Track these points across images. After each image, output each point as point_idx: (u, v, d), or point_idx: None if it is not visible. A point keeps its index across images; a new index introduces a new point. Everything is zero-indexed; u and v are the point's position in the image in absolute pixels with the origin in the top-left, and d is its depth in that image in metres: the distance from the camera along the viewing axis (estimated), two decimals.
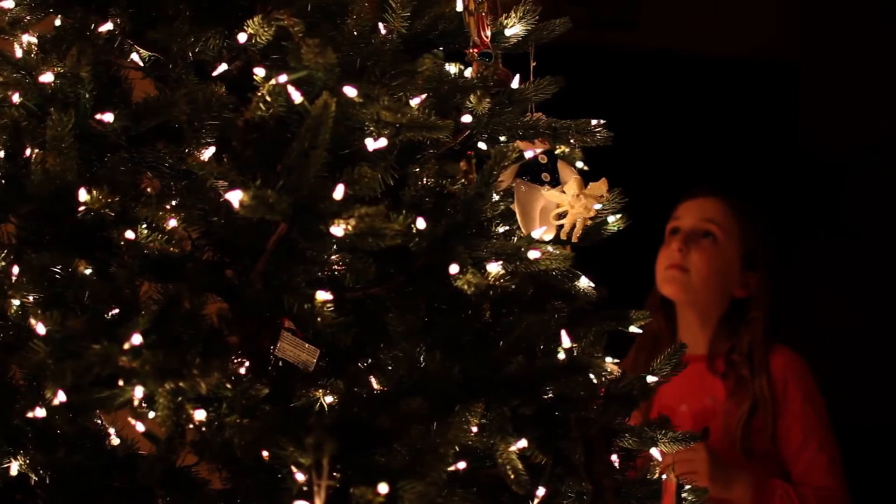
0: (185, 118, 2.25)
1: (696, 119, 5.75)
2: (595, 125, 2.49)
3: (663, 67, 5.68)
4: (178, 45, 2.31)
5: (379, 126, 2.18)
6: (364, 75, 2.33)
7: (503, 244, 2.36)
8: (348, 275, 2.26)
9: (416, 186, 2.35)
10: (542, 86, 2.52)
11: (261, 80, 2.20)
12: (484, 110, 2.34)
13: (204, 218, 2.27)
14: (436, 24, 2.53)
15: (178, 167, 2.28)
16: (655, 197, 5.55)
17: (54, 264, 2.20)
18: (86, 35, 2.33)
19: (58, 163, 2.18)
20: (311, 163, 2.09)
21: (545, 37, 2.63)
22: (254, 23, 2.24)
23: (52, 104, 2.21)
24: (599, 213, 2.61)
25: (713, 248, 3.57)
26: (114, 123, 2.24)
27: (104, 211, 2.18)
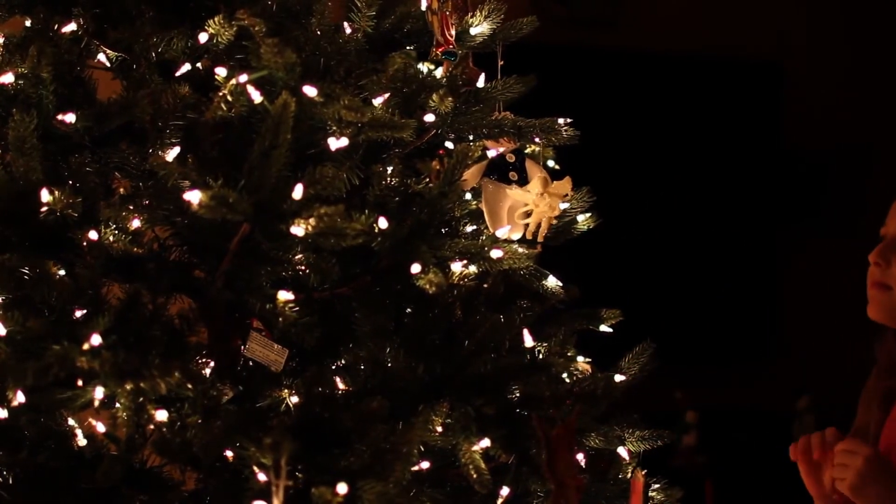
0: (148, 118, 2.25)
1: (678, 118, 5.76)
2: (561, 124, 2.48)
3: (644, 67, 5.68)
4: (141, 46, 2.31)
5: (340, 125, 2.18)
6: (328, 75, 2.33)
7: (466, 244, 2.36)
8: (313, 275, 2.26)
9: (381, 186, 2.34)
10: (510, 84, 2.51)
11: (222, 80, 2.20)
12: (447, 109, 2.33)
13: (168, 218, 2.26)
14: (402, 24, 2.53)
15: (143, 167, 2.27)
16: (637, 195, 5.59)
17: (21, 265, 2.19)
18: (48, 36, 2.33)
19: (21, 163, 2.17)
20: (272, 162, 2.09)
21: (513, 35, 2.63)
22: (215, 22, 2.24)
23: (14, 105, 2.20)
24: (567, 211, 2.61)
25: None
26: (76, 124, 2.24)
27: (67, 212, 2.17)
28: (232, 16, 2.25)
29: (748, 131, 5.92)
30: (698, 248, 5.83)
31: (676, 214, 5.77)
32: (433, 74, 2.47)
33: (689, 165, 5.78)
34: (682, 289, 5.79)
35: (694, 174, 5.79)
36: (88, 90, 2.35)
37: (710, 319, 5.84)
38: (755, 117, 5.95)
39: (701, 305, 5.82)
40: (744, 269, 5.99)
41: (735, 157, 5.91)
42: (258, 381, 2.31)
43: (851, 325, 6.05)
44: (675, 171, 5.74)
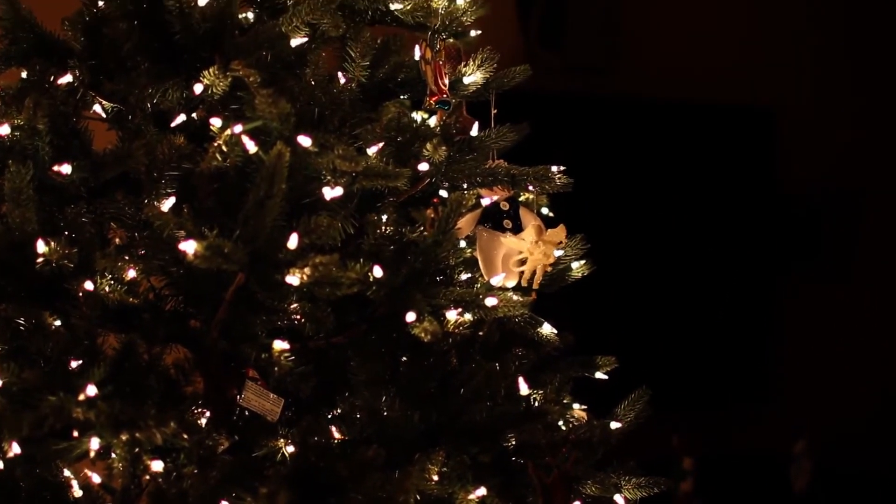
0: (143, 169, 2.26)
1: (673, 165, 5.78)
2: (555, 172, 2.49)
3: (638, 114, 5.71)
4: (137, 97, 2.32)
5: (335, 175, 2.19)
6: (322, 124, 2.34)
7: (461, 292, 2.36)
8: (309, 324, 2.26)
9: (376, 234, 2.35)
10: (503, 133, 2.52)
11: (217, 131, 2.21)
12: (441, 158, 2.34)
13: (164, 268, 2.27)
14: (396, 73, 2.55)
15: (138, 218, 2.28)
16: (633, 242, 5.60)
17: (17, 316, 2.20)
18: (44, 87, 2.34)
19: (17, 214, 2.18)
20: (267, 212, 2.10)
21: (506, 84, 2.65)
22: (210, 73, 2.25)
23: (10, 156, 2.21)
24: (561, 258, 2.62)
25: None
26: (72, 175, 2.25)
27: (63, 262, 2.18)
28: (227, 67, 2.26)
29: (743, 177, 5.94)
30: (694, 293, 5.84)
31: (672, 260, 5.78)
32: (427, 123, 2.48)
33: (685, 211, 5.79)
34: (678, 333, 5.79)
35: (689, 220, 5.81)
36: (84, 141, 2.36)
37: (707, 364, 5.84)
38: (749, 163, 5.98)
39: (697, 350, 5.82)
40: (740, 313, 6.00)
41: (730, 202, 5.92)
42: (254, 430, 2.31)
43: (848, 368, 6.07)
44: (671, 217, 5.75)
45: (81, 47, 2.41)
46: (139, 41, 2.38)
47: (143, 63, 2.36)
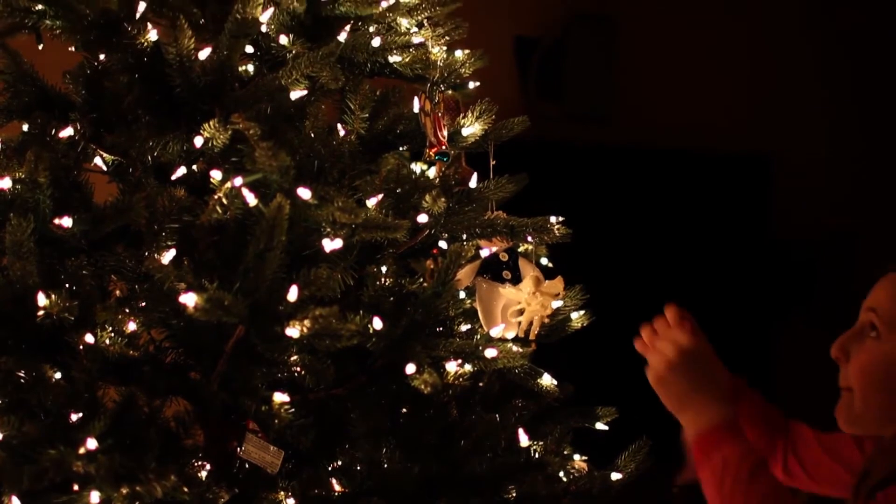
0: (144, 221, 2.26)
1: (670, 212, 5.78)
2: (553, 223, 2.50)
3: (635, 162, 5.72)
4: (137, 149, 2.34)
5: (335, 227, 2.20)
6: (322, 176, 2.35)
7: (461, 343, 2.37)
8: (308, 376, 2.26)
9: (375, 286, 2.35)
10: (502, 184, 2.53)
11: (217, 183, 2.22)
12: (440, 209, 2.34)
13: (164, 321, 2.27)
14: (395, 125, 2.56)
15: (139, 270, 2.29)
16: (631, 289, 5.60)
17: (17, 369, 2.20)
18: (45, 140, 2.35)
19: (18, 267, 2.18)
20: (266, 264, 2.10)
21: (504, 135, 2.66)
22: (210, 126, 2.26)
23: (11, 209, 2.22)
24: (560, 309, 2.63)
25: (873, 348, 2.21)
26: (73, 227, 2.25)
27: (63, 315, 2.18)
28: (227, 119, 2.27)
29: (738, 223, 5.95)
30: None
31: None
32: (426, 175, 2.49)
33: (682, 257, 5.79)
34: None
35: (687, 266, 5.80)
36: (85, 194, 2.37)
37: None
38: (745, 209, 5.98)
39: None
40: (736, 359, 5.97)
41: (726, 247, 5.93)
42: (254, 483, 2.30)
43: None
44: (669, 264, 5.75)
45: (82, 100, 2.43)
46: (140, 94, 2.40)
47: (143, 116, 2.38)
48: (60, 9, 2.42)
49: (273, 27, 2.45)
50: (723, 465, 2.16)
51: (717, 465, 2.17)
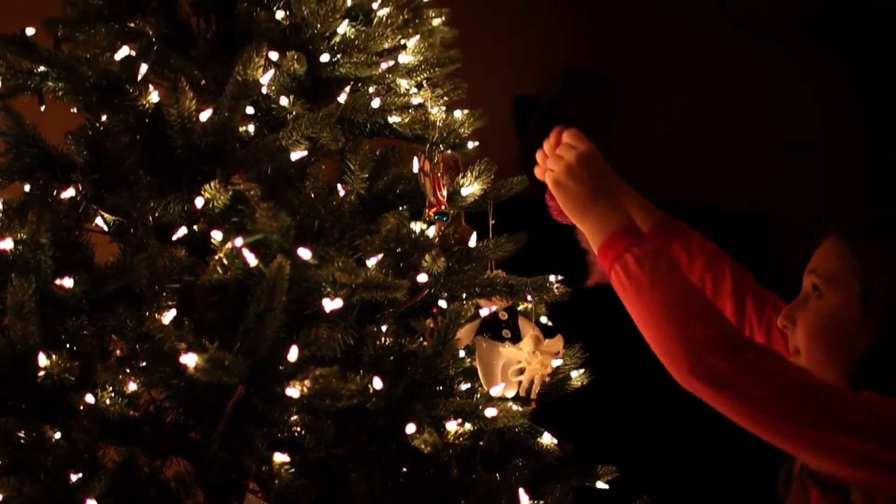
0: (145, 282, 2.27)
1: None
2: (552, 281, 2.51)
3: None
4: (138, 210, 2.35)
5: (335, 287, 2.20)
6: (322, 236, 2.36)
7: (461, 402, 2.37)
8: (309, 436, 2.26)
9: (375, 346, 2.36)
10: (501, 244, 2.54)
11: (218, 244, 2.22)
12: (440, 269, 2.35)
13: (164, 381, 2.27)
14: (394, 185, 2.57)
15: (139, 330, 2.29)
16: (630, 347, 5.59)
17: (17, 430, 2.20)
18: (47, 201, 2.36)
19: (19, 328, 2.19)
20: (267, 325, 2.11)
21: (503, 195, 2.67)
22: (211, 187, 2.27)
23: (12, 270, 2.23)
24: (560, 368, 2.63)
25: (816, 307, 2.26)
26: (74, 288, 2.25)
27: (64, 375, 2.18)
28: (227, 180, 2.29)
29: None
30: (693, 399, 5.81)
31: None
32: (426, 234, 2.50)
33: None
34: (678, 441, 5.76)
35: None
36: (86, 254, 2.38)
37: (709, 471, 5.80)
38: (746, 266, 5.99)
39: (699, 457, 5.79)
40: None
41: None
42: None
43: None
44: None
45: (84, 161, 2.45)
46: (141, 155, 2.42)
47: (144, 177, 2.39)
48: (63, 71, 2.44)
49: (273, 88, 2.47)
50: (636, 262, 2.19)
51: (629, 263, 2.19)
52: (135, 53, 2.50)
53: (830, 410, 1.98)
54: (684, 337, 2.08)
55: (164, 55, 2.51)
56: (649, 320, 2.15)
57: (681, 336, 2.08)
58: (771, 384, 2.01)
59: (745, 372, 2.02)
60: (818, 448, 1.98)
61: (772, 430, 2.01)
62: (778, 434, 2.01)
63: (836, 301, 2.19)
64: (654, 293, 2.14)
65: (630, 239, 2.23)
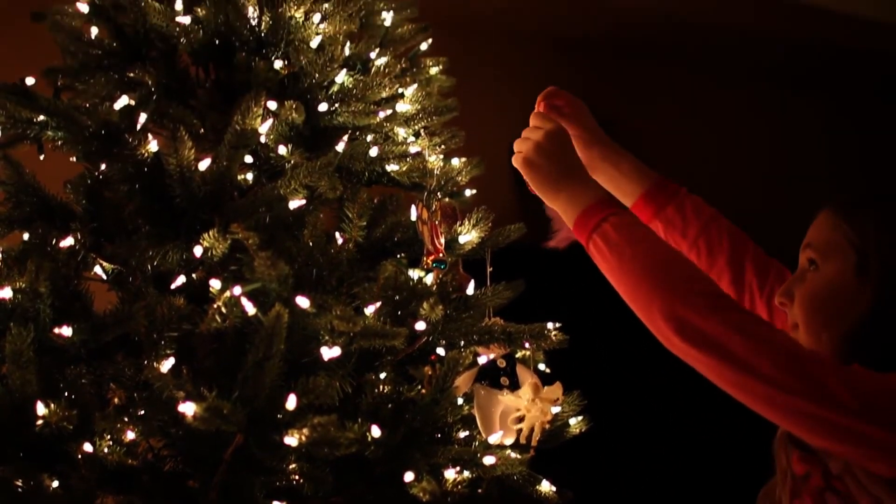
0: (143, 330, 2.27)
1: None
2: (550, 329, 2.51)
3: None
4: (137, 259, 2.35)
5: (333, 335, 2.21)
6: (320, 284, 2.36)
7: (460, 450, 2.37)
8: (307, 484, 2.26)
9: (374, 394, 2.36)
10: (499, 291, 2.54)
11: (216, 292, 2.23)
12: (437, 317, 2.35)
13: (163, 429, 2.27)
14: (392, 233, 2.58)
15: (138, 379, 2.29)
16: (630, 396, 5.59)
17: (15, 478, 2.20)
18: (46, 250, 2.37)
19: (17, 377, 2.19)
20: (265, 373, 2.11)
21: (501, 242, 2.68)
22: (209, 236, 2.28)
23: (11, 319, 2.23)
24: (559, 415, 2.63)
25: (813, 279, 2.28)
26: (73, 337, 2.26)
27: (62, 424, 2.18)
28: (226, 229, 2.29)
29: None
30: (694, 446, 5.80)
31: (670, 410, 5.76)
32: (424, 282, 2.50)
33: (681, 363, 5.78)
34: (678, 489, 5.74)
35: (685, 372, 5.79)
36: (85, 303, 2.38)
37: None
38: None
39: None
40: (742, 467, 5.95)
41: None
42: None
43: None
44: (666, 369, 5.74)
45: (83, 210, 2.45)
46: (140, 204, 2.42)
47: (143, 225, 2.40)
48: (62, 120, 2.45)
49: (272, 137, 2.48)
50: (614, 229, 2.18)
51: (608, 232, 2.19)
52: (134, 103, 2.50)
53: (812, 380, 1.98)
54: (668, 298, 2.08)
55: (164, 104, 2.52)
56: (632, 285, 2.15)
57: (664, 297, 2.09)
58: (754, 346, 2.01)
59: (728, 332, 2.02)
60: (796, 415, 1.99)
61: (752, 394, 2.01)
62: (756, 399, 2.01)
63: (832, 271, 2.21)
64: (634, 258, 2.14)
65: (607, 209, 2.23)
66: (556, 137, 2.33)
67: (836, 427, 1.96)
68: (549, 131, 2.33)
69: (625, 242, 2.16)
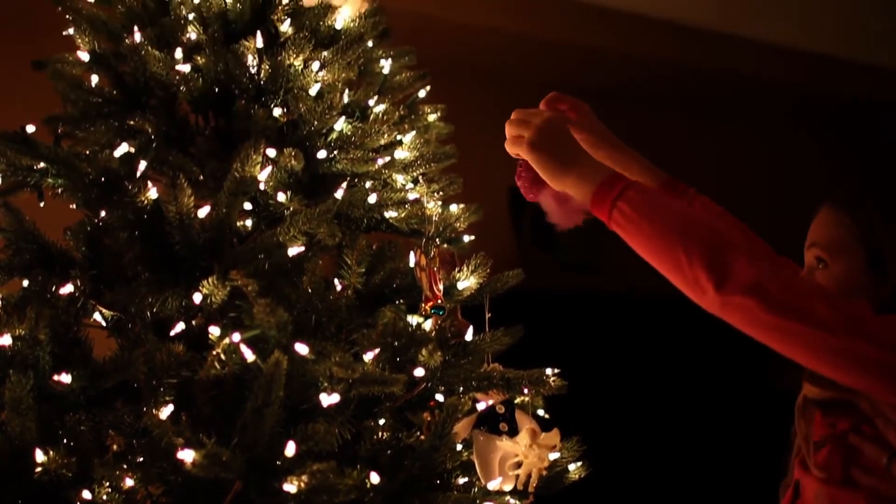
0: (143, 377, 2.27)
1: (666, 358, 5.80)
2: (549, 374, 2.51)
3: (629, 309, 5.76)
4: (137, 306, 2.36)
5: (332, 382, 2.21)
6: (319, 331, 2.37)
7: (459, 496, 2.37)
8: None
9: (372, 440, 2.36)
10: (497, 337, 2.55)
11: (216, 339, 2.23)
12: (436, 363, 2.36)
13: (162, 476, 2.26)
14: (391, 280, 2.59)
15: (137, 425, 2.29)
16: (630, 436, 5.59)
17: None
18: (46, 297, 2.37)
19: (16, 424, 2.19)
20: (264, 420, 2.11)
21: (500, 288, 2.68)
22: (209, 283, 2.28)
23: (11, 366, 2.23)
24: (557, 461, 2.62)
25: (824, 277, 2.33)
26: (72, 384, 2.26)
27: (61, 471, 2.18)
28: (225, 276, 2.30)
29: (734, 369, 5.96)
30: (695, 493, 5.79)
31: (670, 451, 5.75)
32: (422, 328, 2.50)
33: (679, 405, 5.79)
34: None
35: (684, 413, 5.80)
36: (84, 350, 2.38)
37: None
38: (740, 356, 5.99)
39: None
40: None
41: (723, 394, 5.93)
42: None
43: None
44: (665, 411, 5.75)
45: (83, 257, 2.46)
46: (140, 251, 2.43)
47: (143, 272, 2.40)
48: (62, 167, 2.47)
49: (271, 184, 2.49)
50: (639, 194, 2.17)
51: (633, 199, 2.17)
52: (134, 150, 2.52)
53: (850, 318, 2.02)
54: (706, 248, 2.08)
55: (163, 152, 2.53)
56: (668, 242, 2.13)
57: (702, 248, 2.09)
58: (792, 289, 2.03)
59: (767, 277, 2.03)
60: (834, 353, 2.01)
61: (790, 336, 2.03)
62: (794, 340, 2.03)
63: (844, 269, 2.26)
64: (665, 218, 2.13)
65: (623, 181, 2.22)
66: (558, 122, 2.33)
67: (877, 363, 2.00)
68: (549, 117, 2.31)
69: (653, 206, 2.15)
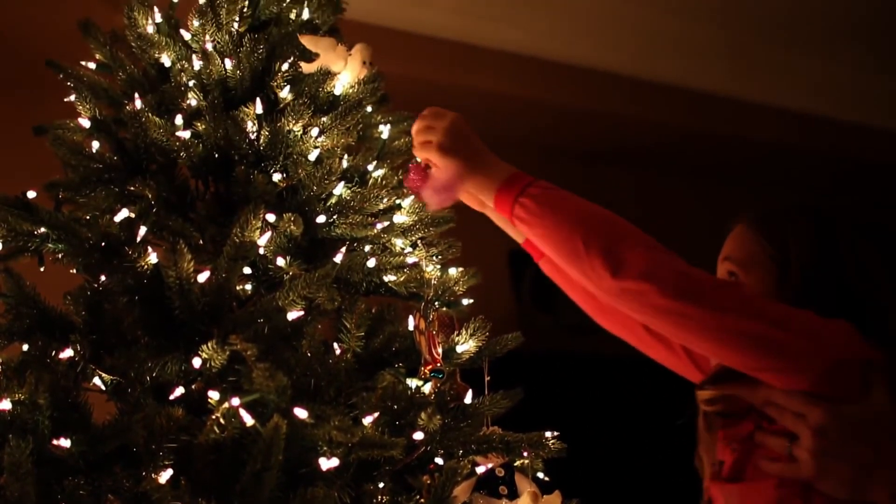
0: (142, 442, 2.27)
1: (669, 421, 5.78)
2: (549, 437, 2.52)
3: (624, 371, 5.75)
4: (136, 370, 2.36)
5: (331, 446, 2.21)
6: (318, 395, 2.37)
7: None
8: None
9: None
10: (497, 400, 2.55)
11: (215, 403, 2.24)
12: (436, 427, 2.36)
13: None
14: (390, 343, 2.59)
15: (136, 490, 2.28)
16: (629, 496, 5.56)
17: None
18: (46, 362, 2.38)
19: (15, 488, 2.18)
20: (264, 484, 2.11)
21: (499, 351, 2.69)
22: (208, 348, 2.29)
23: (10, 431, 2.23)
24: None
25: None
26: (72, 448, 2.25)
27: None
28: (225, 340, 2.31)
29: None
30: None
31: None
32: (422, 392, 2.51)
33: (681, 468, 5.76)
34: None
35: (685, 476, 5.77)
36: (84, 414, 2.38)
37: None
38: None
39: None
40: None
41: None
42: None
43: None
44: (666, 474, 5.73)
45: (83, 322, 2.46)
46: (139, 316, 2.44)
47: (143, 337, 2.41)
48: (63, 233, 2.48)
49: (271, 249, 2.50)
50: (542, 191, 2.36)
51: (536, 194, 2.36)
52: (134, 215, 2.53)
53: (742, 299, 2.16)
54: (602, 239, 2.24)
55: (163, 217, 2.55)
56: (567, 232, 2.27)
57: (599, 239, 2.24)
58: (686, 274, 2.17)
59: (662, 264, 2.18)
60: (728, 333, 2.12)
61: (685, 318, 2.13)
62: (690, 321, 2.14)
63: (754, 283, 2.38)
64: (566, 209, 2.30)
65: (526, 178, 2.41)
66: (461, 123, 2.49)
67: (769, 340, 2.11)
68: (453, 119, 2.48)
69: (552, 200, 2.32)
